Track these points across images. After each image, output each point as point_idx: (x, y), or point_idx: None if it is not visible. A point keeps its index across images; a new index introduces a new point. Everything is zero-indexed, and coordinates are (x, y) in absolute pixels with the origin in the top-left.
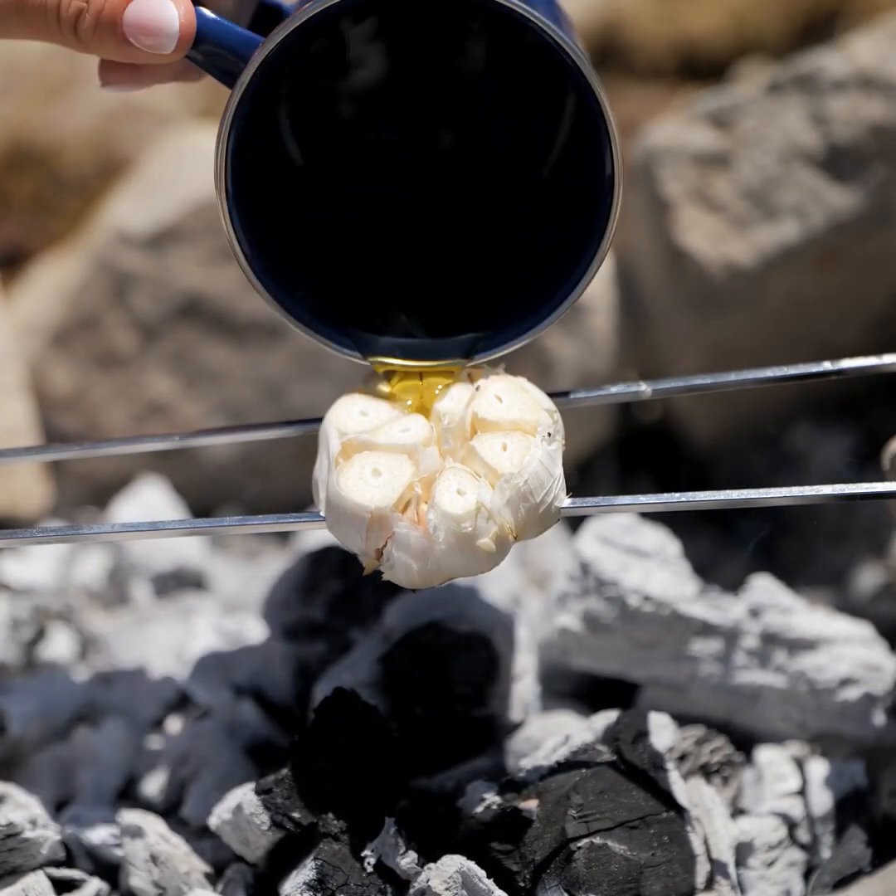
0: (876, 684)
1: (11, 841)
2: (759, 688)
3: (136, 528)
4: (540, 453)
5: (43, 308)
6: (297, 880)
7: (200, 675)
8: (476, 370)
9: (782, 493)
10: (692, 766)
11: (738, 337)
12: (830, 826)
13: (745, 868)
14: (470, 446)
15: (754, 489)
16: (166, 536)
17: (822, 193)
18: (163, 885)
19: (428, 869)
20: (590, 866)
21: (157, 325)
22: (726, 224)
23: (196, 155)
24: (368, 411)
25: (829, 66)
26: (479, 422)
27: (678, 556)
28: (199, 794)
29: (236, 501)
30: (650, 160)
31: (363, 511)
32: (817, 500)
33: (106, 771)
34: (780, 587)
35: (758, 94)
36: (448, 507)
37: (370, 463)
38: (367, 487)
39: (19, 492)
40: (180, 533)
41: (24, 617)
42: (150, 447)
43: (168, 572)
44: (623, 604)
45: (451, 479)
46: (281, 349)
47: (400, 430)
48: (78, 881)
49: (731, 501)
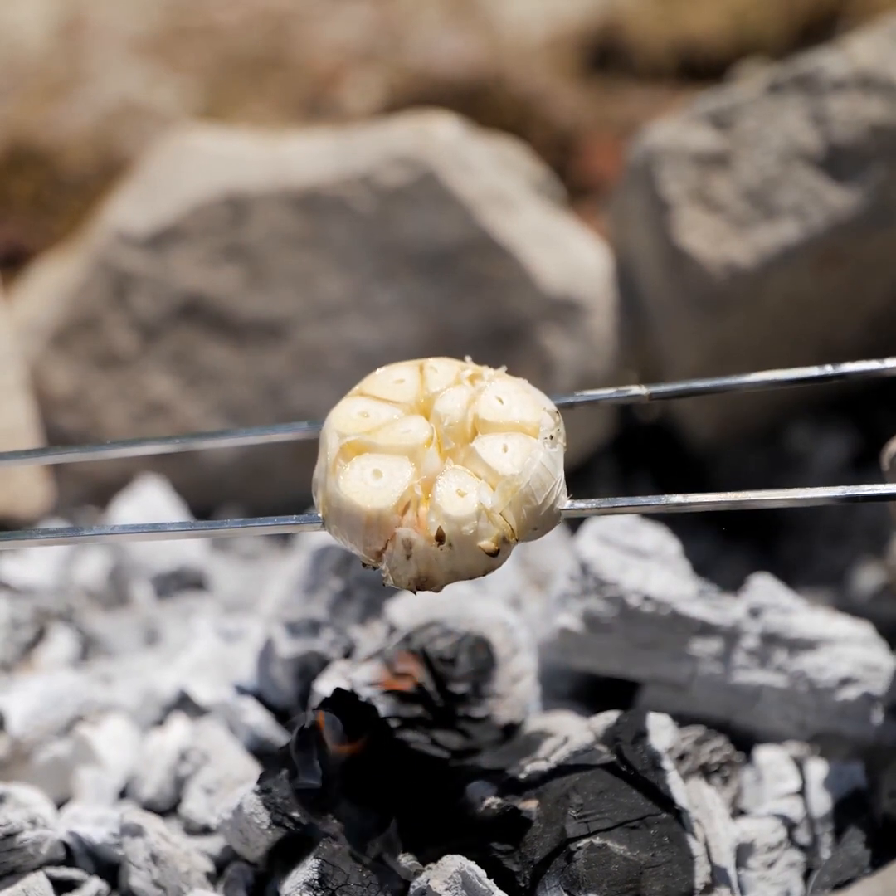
0: (875, 684)
1: (11, 841)
2: (759, 687)
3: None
4: (542, 455)
5: (43, 308)
6: (297, 880)
7: (200, 675)
8: (477, 371)
9: (780, 496)
10: (692, 766)
11: (738, 337)
12: (830, 826)
13: (745, 869)
14: (470, 448)
15: (753, 491)
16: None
17: (822, 193)
18: (163, 884)
19: (428, 869)
20: (590, 866)
21: (157, 325)
22: (726, 224)
23: (196, 155)
24: (369, 412)
25: (828, 66)
26: (480, 423)
27: (678, 556)
28: (199, 794)
29: (236, 502)
30: (650, 160)
31: (362, 513)
32: (816, 503)
33: (106, 771)
34: (780, 587)
35: (758, 94)
36: (449, 509)
37: (371, 464)
38: (366, 489)
39: (19, 492)
40: (181, 536)
41: (24, 617)
42: (148, 450)
43: (169, 573)
44: (623, 604)
45: (451, 480)
46: (281, 349)
47: (401, 431)
48: (78, 881)
49: (730, 503)
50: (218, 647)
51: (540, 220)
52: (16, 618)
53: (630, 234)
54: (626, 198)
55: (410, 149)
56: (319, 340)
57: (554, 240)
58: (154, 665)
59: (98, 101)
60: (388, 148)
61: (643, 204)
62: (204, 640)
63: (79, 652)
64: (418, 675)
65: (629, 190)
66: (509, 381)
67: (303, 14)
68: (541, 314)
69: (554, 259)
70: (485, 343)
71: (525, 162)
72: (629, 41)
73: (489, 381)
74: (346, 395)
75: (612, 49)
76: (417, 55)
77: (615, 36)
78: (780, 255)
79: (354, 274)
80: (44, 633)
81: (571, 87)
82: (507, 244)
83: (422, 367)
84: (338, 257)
